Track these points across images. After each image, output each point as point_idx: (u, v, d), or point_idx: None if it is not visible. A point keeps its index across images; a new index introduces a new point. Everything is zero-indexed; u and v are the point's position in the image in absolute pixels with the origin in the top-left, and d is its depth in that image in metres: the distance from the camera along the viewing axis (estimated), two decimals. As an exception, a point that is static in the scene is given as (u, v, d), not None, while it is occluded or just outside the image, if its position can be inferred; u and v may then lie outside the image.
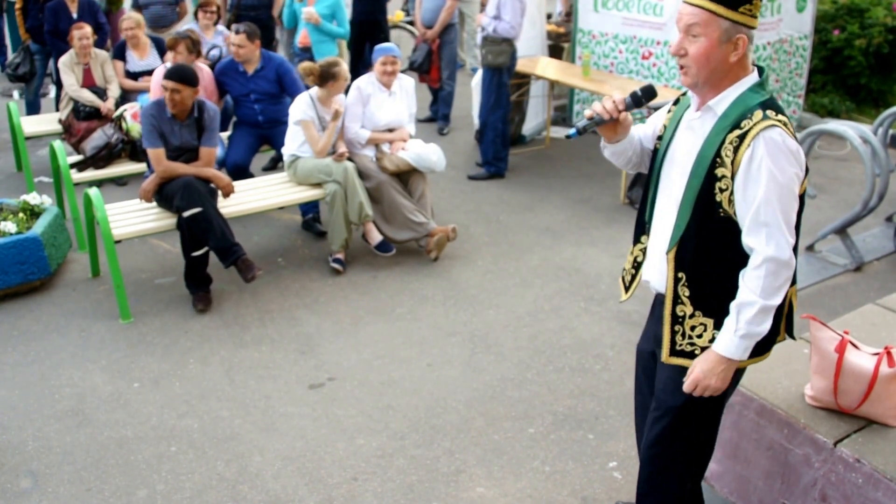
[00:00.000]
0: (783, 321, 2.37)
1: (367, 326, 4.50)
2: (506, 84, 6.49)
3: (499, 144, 6.64)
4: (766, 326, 2.18)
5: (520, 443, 3.54)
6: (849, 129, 5.01)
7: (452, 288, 4.92)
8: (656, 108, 5.80)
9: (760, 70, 2.23)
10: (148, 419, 3.72)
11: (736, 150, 2.12)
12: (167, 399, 3.86)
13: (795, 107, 7.71)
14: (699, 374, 2.25)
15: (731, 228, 2.19)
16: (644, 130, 2.51)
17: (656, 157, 2.41)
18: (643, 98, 2.31)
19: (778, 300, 2.16)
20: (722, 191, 2.17)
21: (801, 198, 2.21)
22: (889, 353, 2.66)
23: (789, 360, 3.08)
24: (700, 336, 2.31)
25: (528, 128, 7.66)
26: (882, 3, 8.21)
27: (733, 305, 2.19)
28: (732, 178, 2.14)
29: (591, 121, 2.34)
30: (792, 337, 2.45)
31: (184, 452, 3.50)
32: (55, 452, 3.50)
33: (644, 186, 2.48)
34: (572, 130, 2.36)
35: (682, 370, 2.36)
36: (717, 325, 2.28)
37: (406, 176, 5.36)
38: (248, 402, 3.84)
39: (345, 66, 5.18)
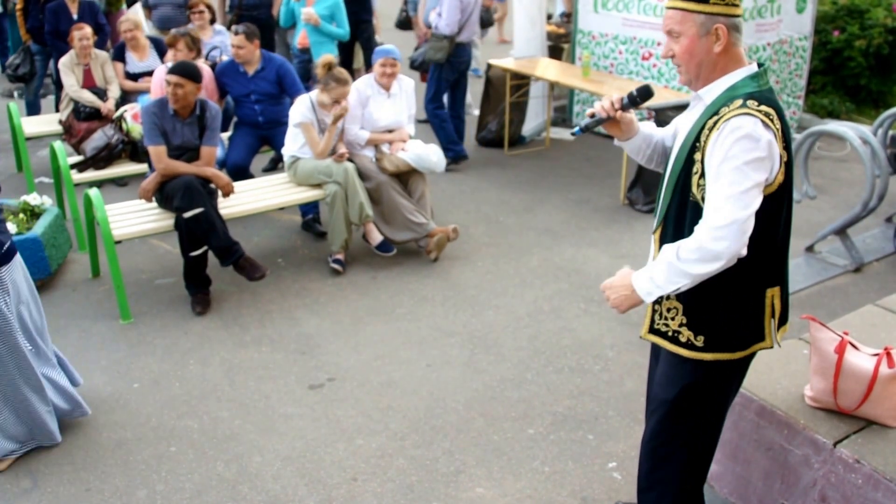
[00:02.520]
0: (767, 324, 2.34)
1: (366, 327, 4.50)
2: (445, 80, 6.69)
3: (449, 130, 6.83)
4: (670, 284, 2.16)
5: (519, 443, 3.54)
6: (848, 129, 5.02)
7: (452, 288, 4.92)
8: (657, 110, 5.83)
9: (760, 64, 2.25)
10: (148, 419, 3.72)
11: (709, 134, 2.15)
12: (167, 399, 3.87)
13: (795, 108, 7.71)
14: (611, 281, 2.34)
15: (698, 214, 2.20)
16: (666, 131, 2.59)
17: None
18: (638, 98, 2.42)
19: (694, 270, 2.11)
20: (694, 174, 2.21)
21: (775, 197, 2.18)
22: (889, 354, 2.66)
23: (789, 361, 3.08)
24: (673, 318, 2.35)
25: (528, 128, 7.67)
26: (882, 4, 8.22)
27: (664, 248, 2.20)
28: (702, 162, 2.17)
29: (592, 119, 2.47)
30: (778, 344, 2.41)
31: (183, 453, 3.50)
32: (55, 452, 3.49)
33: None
34: (576, 129, 2.50)
35: (676, 365, 2.39)
36: (686, 311, 2.31)
37: (406, 176, 5.36)
38: (248, 402, 3.85)
39: (346, 88, 5.09)
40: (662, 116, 5.65)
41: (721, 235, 2.07)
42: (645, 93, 2.41)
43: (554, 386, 3.95)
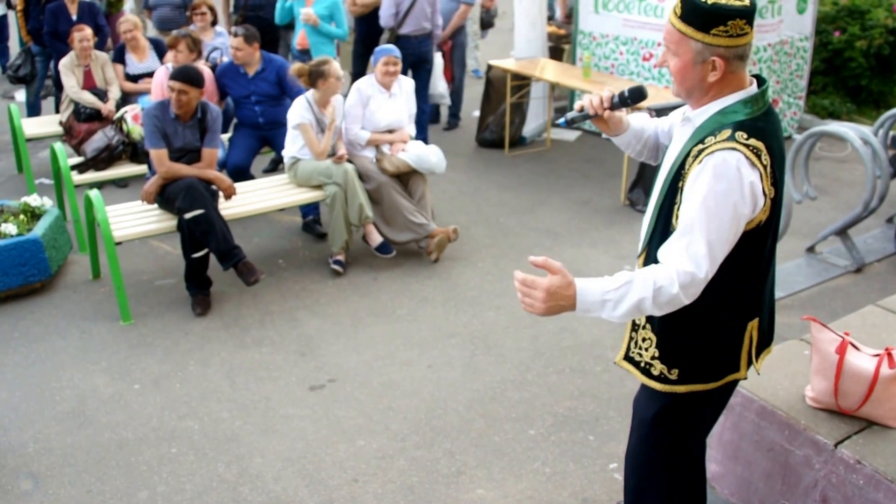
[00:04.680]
0: (744, 357, 2.26)
1: (367, 328, 4.50)
2: None
3: None
4: (619, 313, 1.97)
5: (520, 444, 3.54)
6: (849, 130, 5.01)
7: (453, 289, 4.92)
8: (657, 110, 5.82)
9: (762, 82, 2.10)
10: (148, 421, 3.72)
11: (692, 163, 2.01)
12: (168, 400, 3.87)
13: (796, 108, 7.71)
14: (546, 282, 2.02)
15: None
16: (662, 125, 2.48)
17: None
18: (629, 99, 2.30)
19: (656, 311, 1.99)
20: (676, 203, 2.08)
21: (758, 234, 2.07)
22: (889, 355, 2.66)
23: (789, 362, 3.08)
24: (647, 349, 2.28)
25: (529, 129, 7.67)
26: (883, 5, 8.22)
27: (628, 273, 2.00)
28: (682, 192, 2.05)
29: (579, 113, 2.38)
30: (756, 371, 2.35)
31: (184, 454, 3.50)
32: (56, 454, 3.50)
33: None
34: (562, 120, 2.42)
35: (651, 388, 2.34)
36: (659, 345, 2.24)
37: (406, 177, 5.36)
38: (249, 403, 3.85)
39: (335, 65, 5.15)
40: (663, 116, 5.64)
41: (688, 284, 1.95)
42: (637, 94, 2.28)
43: (555, 387, 3.95)
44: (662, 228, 2.15)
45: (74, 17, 6.91)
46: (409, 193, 5.32)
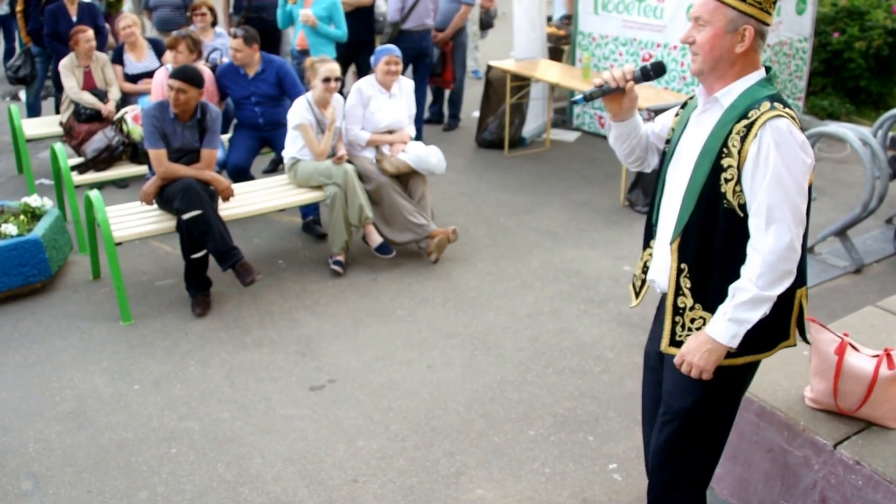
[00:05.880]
0: (793, 323, 2.34)
1: (367, 328, 4.50)
2: None
3: None
4: (755, 315, 2.16)
5: (520, 444, 3.55)
6: (849, 131, 5.02)
7: (452, 290, 4.93)
8: (657, 111, 5.83)
9: (768, 69, 2.25)
10: (149, 421, 3.72)
11: (743, 139, 2.12)
12: (168, 401, 3.87)
13: (795, 109, 7.71)
14: (684, 350, 2.27)
15: (734, 221, 2.18)
16: (652, 127, 2.54)
17: (664, 160, 2.42)
18: (652, 73, 2.36)
19: (774, 291, 2.14)
20: (727, 181, 2.17)
21: (809, 189, 2.19)
22: (889, 356, 2.67)
23: (789, 362, 3.08)
24: (699, 329, 2.31)
25: (529, 130, 7.67)
26: (882, 6, 8.23)
27: (730, 288, 2.18)
28: (739, 168, 2.14)
29: (598, 88, 2.40)
30: (806, 341, 2.43)
31: (184, 454, 3.50)
32: (56, 454, 3.50)
33: (652, 190, 2.49)
34: (580, 96, 2.44)
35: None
36: None
37: (406, 178, 5.37)
38: (249, 403, 3.85)
39: (331, 65, 5.14)
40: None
41: (790, 255, 2.12)
42: (658, 68, 2.35)
43: (554, 387, 3.96)
44: (706, 208, 2.22)
45: (74, 19, 6.91)
46: (408, 194, 5.33)
